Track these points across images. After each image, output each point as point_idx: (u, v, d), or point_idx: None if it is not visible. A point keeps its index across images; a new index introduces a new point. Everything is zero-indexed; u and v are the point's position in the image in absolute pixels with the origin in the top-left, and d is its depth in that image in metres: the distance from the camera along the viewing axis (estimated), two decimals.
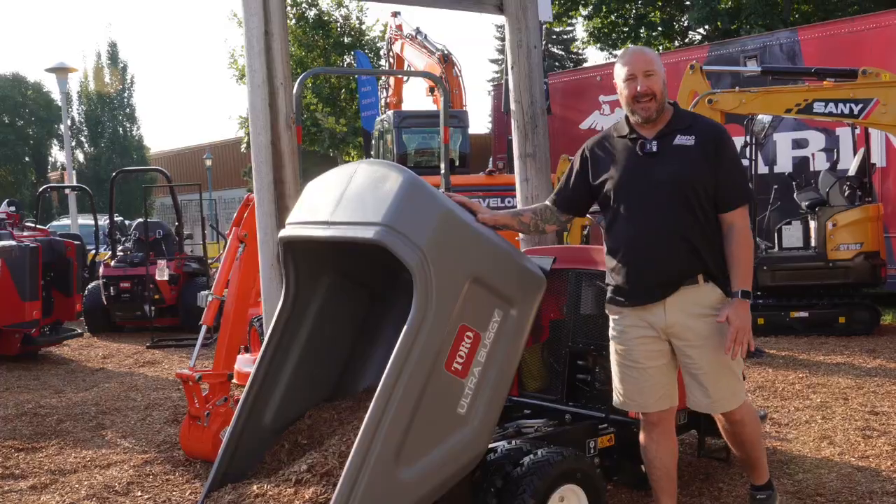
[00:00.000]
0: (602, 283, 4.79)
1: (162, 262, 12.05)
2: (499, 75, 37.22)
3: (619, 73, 3.98)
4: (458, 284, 3.60)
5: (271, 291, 5.17)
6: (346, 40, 26.74)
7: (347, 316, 4.55)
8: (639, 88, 3.88)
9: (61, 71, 21.07)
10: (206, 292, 5.94)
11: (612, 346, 4.14)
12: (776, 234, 10.90)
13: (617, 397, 4.16)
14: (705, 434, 5.18)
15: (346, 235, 3.75)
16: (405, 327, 3.50)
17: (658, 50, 27.30)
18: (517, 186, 6.37)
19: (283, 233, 4.13)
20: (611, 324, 4.14)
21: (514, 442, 4.20)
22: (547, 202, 4.33)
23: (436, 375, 3.58)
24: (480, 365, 3.73)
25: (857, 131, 11.22)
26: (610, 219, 4.04)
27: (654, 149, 3.92)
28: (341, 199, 3.84)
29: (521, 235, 6.26)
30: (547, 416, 4.85)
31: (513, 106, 6.32)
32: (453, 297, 3.58)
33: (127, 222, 16.59)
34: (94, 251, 14.95)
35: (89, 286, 12.82)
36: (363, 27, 27.29)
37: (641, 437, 4.21)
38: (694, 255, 3.86)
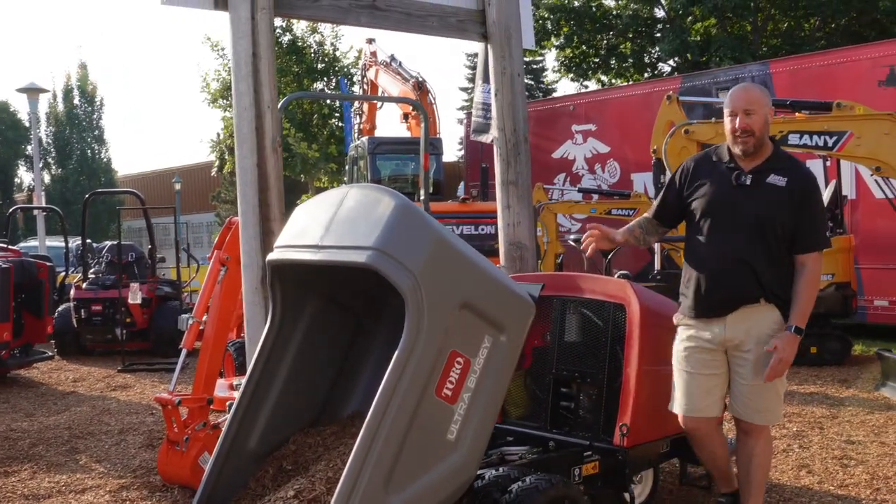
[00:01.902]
0: (586, 311, 4.86)
1: (135, 286, 11.94)
2: (469, 103, 37.36)
3: (725, 107, 4.36)
4: (449, 310, 3.59)
5: (255, 315, 5.13)
6: (320, 66, 26.76)
7: (333, 340, 4.53)
8: (737, 125, 4.23)
9: (32, 91, 20.90)
10: (187, 315, 5.89)
11: (675, 354, 4.48)
12: None
13: (673, 401, 4.50)
14: (687, 462, 5.21)
15: (337, 259, 3.73)
16: (396, 352, 3.48)
17: (628, 81, 27.61)
18: (499, 213, 6.38)
19: (272, 256, 4.11)
20: (677, 332, 4.50)
21: (501, 469, 4.19)
22: (647, 215, 4.76)
23: (426, 401, 3.56)
24: (470, 391, 3.71)
25: (829, 163, 11.37)
26: (690, 235, 4.46)
27: (748, 182, 4.27)
28: (332, 223, 3.82)
29: (502, 262, 6.28)
30: (530, 443, 4.83)
31: (496, 133, 6.35)
32: (445, 322, 3.57)
33: (95, 245, 16.40)
34: (63, 273, 14.78)
35: (59, 308, 12.66)
36: (337, 53, 27.35)
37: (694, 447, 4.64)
38: (756, 283, 4.21)
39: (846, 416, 7.51)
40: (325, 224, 3.84)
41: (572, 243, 8.79)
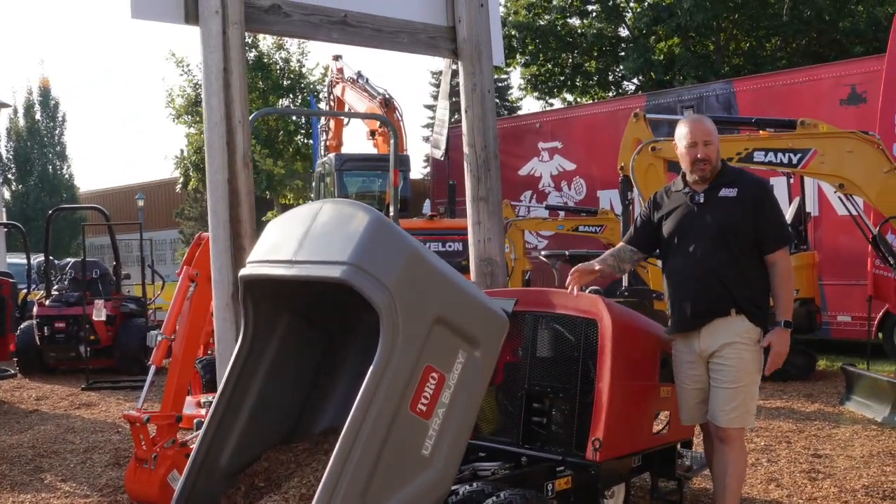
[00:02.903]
0: (558, 326, 4.87)
1: (99, 302, 11.81)
2: (433, 120, 37.50)
3: (682, 138, 4.71)
4: (424, 325, 3.58)
5: (226, 331, 5.08)
6: (286, 83, 26.70)
7: (304, 356, 4.49)
8: (699, 155, 4.60)
9: None
10: (157, 332, 5.84)
11: (673, 369, 4.84)
12: None
13: (679, 412, 4.86)
14: (658, 477, 5.23)
15: (311, 274, 3.71)
16: (371, 367, 3.47)
17: (593, 99, 27.82)
18: (469, 229, 6.38)
19: (244, 271, 4.07)
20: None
21: (475, 484, 4.18)
22: (622, 243, 5.11)
23: (401, 416, 3.55)
24: (444, 406, 3.70)
25: (792, 180, 11.50)
26: (664, 257, 4.85)
27: (702, 200, 4.64)
28: (305, 238, 3.80)
29: (473, 278, 6.28)
30: (502, 459, 4.82)
31: (466, 149, 6.36)
32: (420, 337, 3.56)
33: (56, 262, 16.20)
34: (26, 290, 14.58)
35: (22, 326, 12.49)
36: (303, 70, 27.30)
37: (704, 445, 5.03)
38: (726, 293, 4.52)
39: (812, 430, 7.58)
40: (299, 239, 3.82)
41: (543, 259, 8.85)
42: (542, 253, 8.89)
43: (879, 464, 6.39)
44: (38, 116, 46.49)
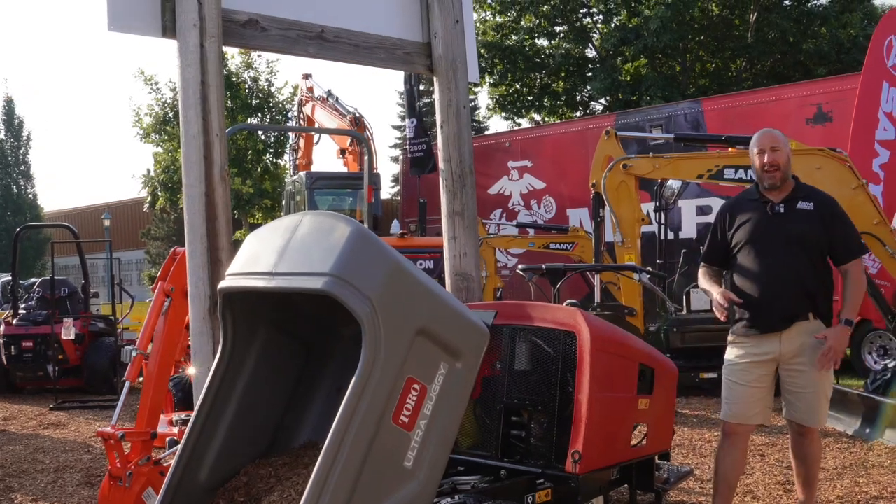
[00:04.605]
0: (536, 339, 4.87)
1: (68, 321, 11.69)
2: (402, 140, 37.56)
3: (752, 148, 5.02)
4: (406, 336, 3.57)
5: (202, 345, 5.03)
6: (254, 102, 26.63)
7: (283, 369, 4.46)
8: (766, 159, 4.89)
9: None
10: (131, 347, 5.78)
11: (728, 367, 5.08)
12: (684, 297, 11.16)
13: (725, 409, 5.10)
14: (636, 489, 5.24)
15: (292, 286, 3.69)
16: (353, 379, 3.45)
17: (560, 118, 28.01)
18: (445, 245, 6.38)
19: (223, 284, 4.04)
20: (729, 348, 5.10)
21: (457, 497, 4.16)
22: (704, 265, 5.28)
23: (383, 428, 3.53)
24: (427, 418, 3.69)
25: None
26: (741, 264, 5.02)
27: (782, 210, 4.92)
28: (286, 250, 3.78)
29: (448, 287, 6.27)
30: (482, 472, 4.81)
31: (441, 164, 6.37)
32: (402, 349, 3.55)
33: (22, 282, 16.01)
34: None
35: None
36: (272, 89, 27.25)
37: (718, 444, 5.24)
38: (808, 297, 4.86)
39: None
40: (280, 250, 3.80)
41: (520, 273, 8.88)
42: (519, 267, 8.91)
43: (852, 475, 6.45)
44: (1, 136, 46.06)
